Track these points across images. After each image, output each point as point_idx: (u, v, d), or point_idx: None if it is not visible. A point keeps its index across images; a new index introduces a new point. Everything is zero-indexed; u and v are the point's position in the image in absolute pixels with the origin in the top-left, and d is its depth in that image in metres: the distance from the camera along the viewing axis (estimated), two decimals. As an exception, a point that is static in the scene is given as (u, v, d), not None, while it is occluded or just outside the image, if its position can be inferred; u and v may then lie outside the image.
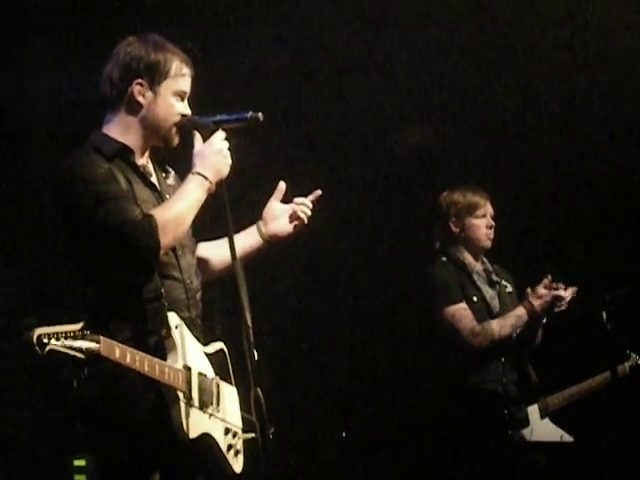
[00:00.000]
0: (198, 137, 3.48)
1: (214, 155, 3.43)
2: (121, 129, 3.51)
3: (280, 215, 3.76)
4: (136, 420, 3.32)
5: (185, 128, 3.51)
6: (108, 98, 3.52)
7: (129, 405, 3.32)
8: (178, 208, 3.38)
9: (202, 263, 3.71)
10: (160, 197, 3.53)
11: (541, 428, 5.22)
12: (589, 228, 6.55)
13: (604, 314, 5.40)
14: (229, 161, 3.45)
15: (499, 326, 5.14)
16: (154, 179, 3.58)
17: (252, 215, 3.81)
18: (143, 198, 3.46)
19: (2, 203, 6.28)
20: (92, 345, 3.00)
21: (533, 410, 5.21)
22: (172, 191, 3.57)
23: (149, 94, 3.48)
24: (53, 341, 2.94)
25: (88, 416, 3.39)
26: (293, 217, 3.76)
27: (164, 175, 3.65)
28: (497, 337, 5.13)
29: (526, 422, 5.16)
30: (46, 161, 6.38)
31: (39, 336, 2.94)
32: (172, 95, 3.50)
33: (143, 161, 3.57)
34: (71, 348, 2.97)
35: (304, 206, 3.75)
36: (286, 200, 3.81)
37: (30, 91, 6.23)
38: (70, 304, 6.07)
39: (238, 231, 3.69)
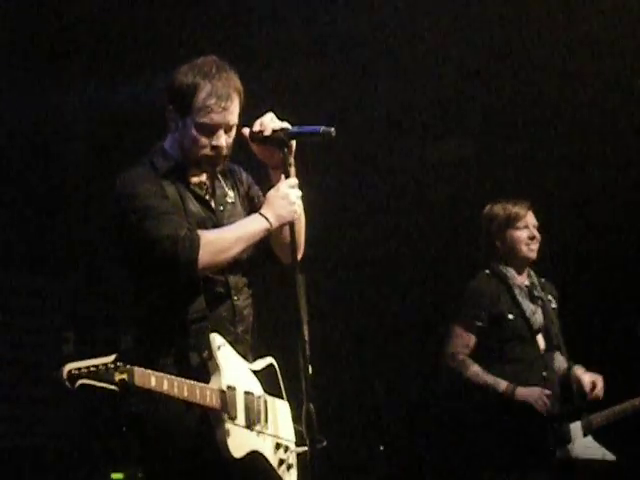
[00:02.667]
0: (283, 180, 3.45)
1: (279, 200, 3.42)
2: (176, 148, 3.52)
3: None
4: (182, 438, 3.32)
5: (256, 140, 3.47)
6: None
7: (175, 423, 3.32)
8: (226, 235, 3.38)
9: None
10: (213, 214, 3.52)
11: (583, 445, 5.15)
12: (630, 240, 6.51)
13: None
14: (294, 207, 3.43)
15: (474, 374, 5.08)
16: (209, 196, 3.55)
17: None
18: (195, 214, 3.46)
19: (38, 218, 6.32)
20: (124, 377, 2.99)
21: (576, 427, 5.15)
22: (231, 208, 3.58)
23: (179, 123, 3.46)
24: (84, 376, 2.94)
25: (136, 430, 3.40)
26: None
27: (222, 186, 3.59)
28: (464, 378, 5.10)
29: (569, 439, 5.12)
30: (83, 174, 6.44)
31: (69, 372, 2.95)
32: (195, 129, 3.43)
33: (200, 178, 3.55)
34: (103, 381, 2.96)
35: None
36: None
37: (68, 104, 6.27)
38: (105, 322, 6.21)
39: None
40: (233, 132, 3.48)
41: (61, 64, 5.98)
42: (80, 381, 2.94)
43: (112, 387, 2.98)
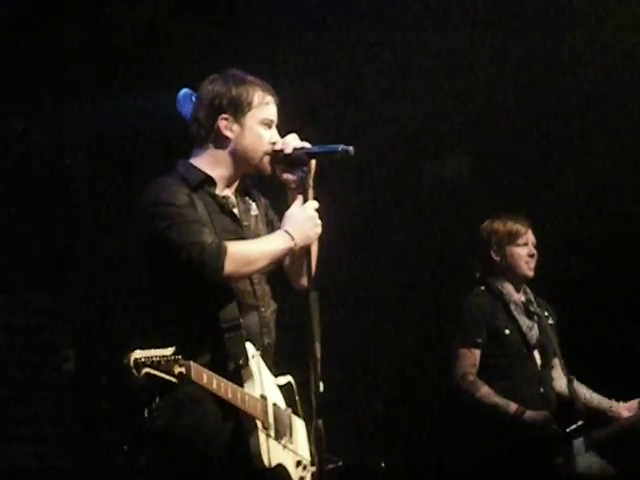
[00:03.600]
0: (299, 200, 3.52)
1: (306, 221, 3.48)
2: (210, 162, 3.57)
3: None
4: (210, 449, 3.35)
5: (277, 158, 3.55)
6: (196, 137, 3.58)
7: (203, 434, 3.35)
8: (252, 249, 3.45)
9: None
10: (240, 227, 3.58)
11: (584, 460, 5.17)
12: (630, 253, 6.54)
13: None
14: (319, 230, 3.50)
15: (485, 395, 5.10)
16: (235, 210, 3.61)
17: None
18: (222, 227, 3.51)
19: (42, 237, 6.32)
20: (183, 370, 3.11)
21: (579, 443, 5.17)
22: (254, 221, 3.64)
23: (236, 127, 3.54)
24: (148, 365, 3.06)
25: (158, 445, 3.42)
26: None
27: (246, 205, 3.67)
28: (476, 398, 5.11)
29: (572, 455, 5.14)
30: (84, 191, 6.46)
31: (136, 360, 3.06)
32: (259, 125, 3.54)
33: (227, 192, 3.61)
34: (164, 372, 3.08)
35: None
36: None
37: (67, 125, 6.30)
38: (106, 339, 6.22)
39: None
40: None
41: (62, 79, 5.99)
42: (145, 369, 3.06)
43: (172, 379, 3.10)
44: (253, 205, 3.69)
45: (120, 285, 6.16)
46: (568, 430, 5.09)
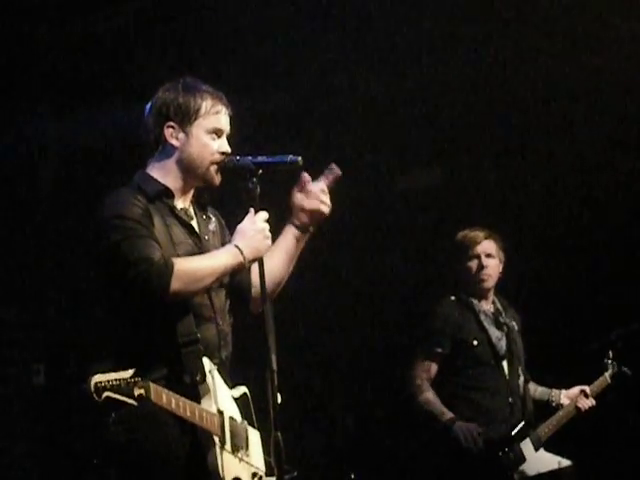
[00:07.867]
0: (251, 213, 3.49)
1: (255, 234, 3.47)
2: (162, 172, 3.55)
3: (304, 198, 3.66)
4: (166, 464, 3.34)
5: (225, 168, 3.53)
6: (148, 144, 3.57)
7: (159, 449, 3.35)
8: (201, 265, 3.42)
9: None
10: (199, 240, 3.56)
11: (538, 460, 5.19)
12: (596, 266, 6.58)
13: (610, 352, 5.48)
14: (269, 242, 3.50)
15: (424, 401, 5.20)
16: (194, 222, 3.60)
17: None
18: (180, 240, 3.49)
19: (12, 250, 6.32)
20: (142, 392, 3.11)
21: (526, 444, 5.20)
22: (212, 236, 3.62)
23: (181, 135, 3.52)
24: (108, 389, 3.07)
25: (119, 460, 3.41)
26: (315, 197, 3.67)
27: (205, 219, 3.66)
28: (416, 403, 5.22)
29: (522, 458, 5.16)
30: (53, 206, 6.46)
31: (96, 384, 3.06)
32: (205, 134, 3.52)
33: (184, 204, 3.60)
34: (124, 395, 3.08)
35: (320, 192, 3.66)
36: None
37: (36, 140, 6.30)
38: (80, 350, 6.22)
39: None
40: None
41: (27, 97, 6.01)
42: (105, 393, 3.07)
43: (132, 401, 3.10)
44: (213, 219, 3.68)
45: (89, 298, 6.15)
46: (513, 434, 5.14)
